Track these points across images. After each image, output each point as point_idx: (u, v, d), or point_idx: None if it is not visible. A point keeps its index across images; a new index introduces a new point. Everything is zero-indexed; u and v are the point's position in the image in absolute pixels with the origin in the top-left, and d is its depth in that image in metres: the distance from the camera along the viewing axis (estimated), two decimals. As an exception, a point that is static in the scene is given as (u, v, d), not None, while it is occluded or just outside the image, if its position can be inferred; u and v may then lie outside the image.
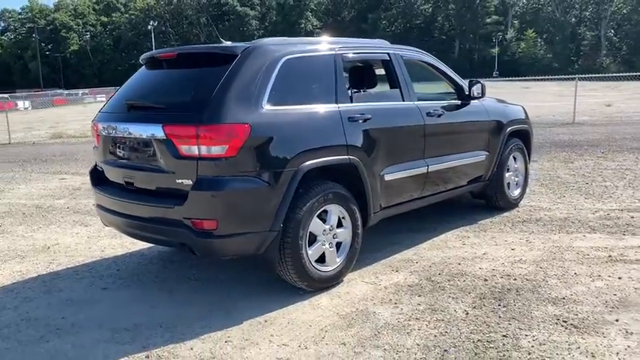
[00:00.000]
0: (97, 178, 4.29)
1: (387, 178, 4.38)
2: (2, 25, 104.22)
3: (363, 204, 4.23)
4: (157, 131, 3.54)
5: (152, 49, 11.92)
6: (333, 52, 4.19)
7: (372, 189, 4.23)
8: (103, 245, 5.30)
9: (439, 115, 4.89)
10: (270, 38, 4.18)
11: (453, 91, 5.35)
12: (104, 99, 55.18)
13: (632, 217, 5.53)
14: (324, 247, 3.94)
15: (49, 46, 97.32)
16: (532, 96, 27.26)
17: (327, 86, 4.07)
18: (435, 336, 3.23)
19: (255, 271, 4.32)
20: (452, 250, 4.78)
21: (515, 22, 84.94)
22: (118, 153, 3.99)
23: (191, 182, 3.43)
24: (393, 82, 4.71)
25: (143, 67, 4.36)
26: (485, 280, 4.07)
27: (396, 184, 4.49)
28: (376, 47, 4.73)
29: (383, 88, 4.79)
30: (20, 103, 46.15)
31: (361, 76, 4.46)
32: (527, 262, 4.39)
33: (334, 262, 4.03)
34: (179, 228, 3.52)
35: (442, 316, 3.50)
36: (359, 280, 4.17)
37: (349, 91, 4.21)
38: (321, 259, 3.97)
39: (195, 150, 3.41)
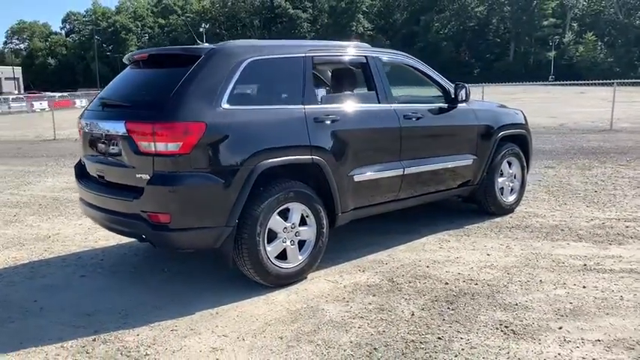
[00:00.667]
0: (80, 173, 4.54)
1: (357, 179, 4.42)
2: (68, 27, 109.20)
3: (331, 204, 4.29)
4: (120, 128, 3.74)
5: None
6: (302, 55, 4.28)
7: (340, 189, 4.29)
8: (98, 236, 5.57)
9: (418, 118, 4.90)
10: (240, 40, 4.32)
11: (441, 94, 5.33)
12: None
13: (627, 227, 5.36)
14: (284, 244, 4.04)
15: (110, 47, 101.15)
16: (584, 101, 26.46)
17: (293, 88, 4.16)
18: (372, 334, 3.28)
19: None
20: (427, 252, 4.78)
21: (574, 24, 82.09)
22: (94, 148, 4.21)
23: (148, 177, 3.60)
24: (370, 85, 4.75)
25: (127, 67, 4.58)
26: (446, 283, 4.07)
27: (368, 186, 4.53)
28: (352, 51, 4.78)
29: (360, 90, 4.84)
30: (78, 102, 48.34)
31: (333, 78, 4.53)
32: (496, 268, 4.35)
33: (296, 260, 4.12)
34: (138, 221, 3.70)
35: (387, 315, 3.53)
36: (322, 279, 4.24)
37: (318, 93, 4.29)
38: (283, 256, 4.05)
39: (152, 146, 3.58)
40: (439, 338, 3.21)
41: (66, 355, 3.15)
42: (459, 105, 5.32)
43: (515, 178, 6.02)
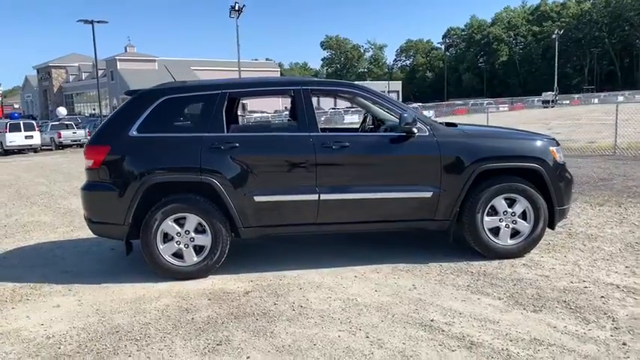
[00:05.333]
0: None
1: (258, 199, 4.97)
2: (447, 42, 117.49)
3: (231, 218, 5.01)
4: (88, 149, 5.36)
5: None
6: (218, 92, 5.10)
7: (238, 207, 4.96)
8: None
9: (343, 147, 5.00)
10: (173, 82, 5.41)
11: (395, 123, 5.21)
12: (506, 109, 57.00)
13: (603, 298, 4.20)
14: (179, 246, 5.00)
15: (481, 59, 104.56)
16: None
17: (201, 119, 5.06)
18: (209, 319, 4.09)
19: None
20: (322, 278, 4.91)
21: None
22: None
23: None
24: (294, 115, 5.16)
25: None
26: (275, 304, 4.36)
27: (271, 207, 5.00)
28: (278, 85, 5.25)
29: (282, 120, 5.28)
30: (425, 113, 52.44)
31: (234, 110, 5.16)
32: (344, 304, 4.32)
33: (191, 261, 5.02)
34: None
35: (217, 308, 4.22)
36: (209, 280, 4.98)
37: (225, 123, 5.03)
38: (180, 256, 5.03)
39: (86, 163, 5.12)
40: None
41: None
42: (419, 134, 5.07)
43: (521, 218, 5.20)
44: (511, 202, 5.17)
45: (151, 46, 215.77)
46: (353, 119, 41.29)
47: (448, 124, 5.57)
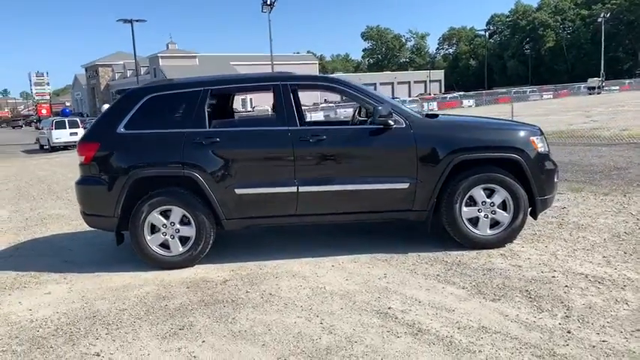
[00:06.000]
0: None
1: (239, 192, 5.17)
2: (491, 29, 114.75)
3: (213, 210, 5.23)
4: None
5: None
6: (201, 89, 5.31)
7: (220, 200, 5.17)
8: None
9: (320, 140, 5.14)
10: (156, 80, 5.65)
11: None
12: (550, 96, 55.41)
13: (566, 288, 4.21)
14: (165, 237, 5.26)
15: (527, 45, 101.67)
16: None
17: (184, 115, 5.28)
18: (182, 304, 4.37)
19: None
20: (295, 266, 5.08)
21: None
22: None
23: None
24: (275, 109, 5.33)
25: None
26: (244, 291, 4.56)
27: (252, 199, 5.19)
28: (259, 81, 5.42)
29: (262, 114, 5.44)
30: (466, 102, 51.65)
31: (229, 105, 5.36)
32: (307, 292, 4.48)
33: (177, 251, 5.27)
34: (82, 208, 5.63)
35: (192, 295, 4.48)
36: (192, 270, 5.21)
37: (207, 119, 5.24)
38: (166, 246, 5.29)
39: (79, 159, 5.43)
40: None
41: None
42: (395, 126, 5.15)
43: (500, 209, 5.21)
44: (490, 193, 5.19)
45: (192, 42, 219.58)
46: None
47: (429, 116, 5.61)
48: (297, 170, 5.13)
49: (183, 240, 5.27)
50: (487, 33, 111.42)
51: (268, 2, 35.96)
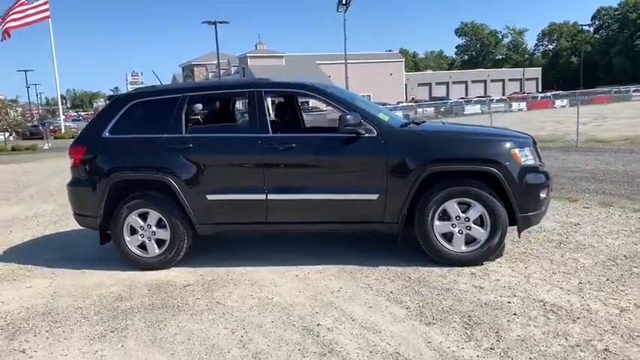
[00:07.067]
0: None
1: (210, 198, 5.24)
2: (597, 23, 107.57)
3: (187, 215, 5.35)
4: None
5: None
6: (179, 95, 5.44)
7: (193, 205, 5.27)
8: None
9: (289, 148, 5.09)
10: (140, 87, 5.82)
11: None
12: (655, 96, 50.97)
13: (514, 316, 3.90)
14: (142, 238, 5.44)
15: (637, 41, 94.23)
16: None
17: (162, 121, 5.42)
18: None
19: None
20: (256, 275, 5.06)
21: None
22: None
23: (71, 179, 5.82)
24: (248, 116, 5.34)
25: None
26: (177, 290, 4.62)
27: (223, 205, 5.24)
28: (232, 88, 5.45)
29: (236, 121, 5.47)
30: (558, 102, 48.71)
31: (205, 112, 5.44)
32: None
33: (153, 253, 5.44)
34: (74, 208, 5.95)
35: (156, 296, 4.66)
36: (165, 272, 5.36)
37: (183, 124, 5.36)
38: (144, 248, 5.48)
39: (70, 161, 5.75)
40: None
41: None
42: (367, 135, 4.99)
43: (477, 225, 4.91)
44: (466, 207, 4.89)
45: (284, 43, 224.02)
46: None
47: (416, 123, 5.42)
48: (267, 178, 5.11)
49: (160, 242, 5.41)
50: (592, 28, 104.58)
51: (344, 2, 35.98)
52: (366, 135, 4.97)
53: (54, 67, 35.79)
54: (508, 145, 4.91)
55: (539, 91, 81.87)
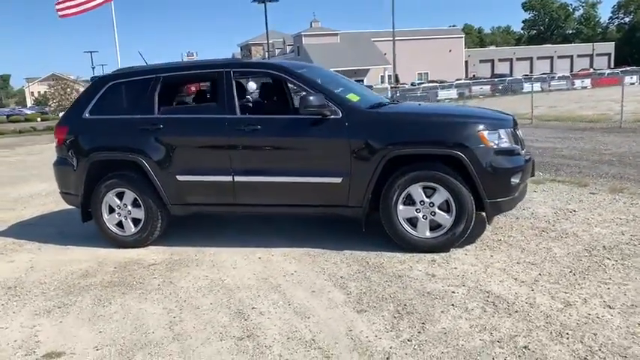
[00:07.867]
0: None
1: (180, 179, 5.29)
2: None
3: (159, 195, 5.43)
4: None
5: None
6: (153, 76, 5.49)
7: (164, 185, 5.34)
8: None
9: (254, 130, 5.05)
10: (119, 68, 5.90)
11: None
12: None
13: (444, 307, 3.75)
14: (119, 217, 5.58)
15: None
16: None
17: (137, 102, 5.49)
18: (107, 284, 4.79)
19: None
20: (221, 255, 5.08)
21: None
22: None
23: (56, 159, 6.02)
24: (215, 98, 5.32)
25: None
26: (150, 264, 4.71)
27: (192, 186, 5.28)
28: (202, 68, 5.44)
29: (205, 102, 5.49)
30: (628, 79, 45.78)
31: (177, 92, 5.46)
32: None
33: (130, 231, 5.57)
34: (61, 186, 6.16)
35: (126, 275, 4.83)
36: (136, 250, 5.47)
37: (156, 105, 5.41)
38: (122, 226, 5.63)
39: (55, 140, 5.95)
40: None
41: None
42: (332, 116, 4.87)
43: (443, 210, 4.72)
44: (432, 192, 4.71)
45: (335, 20, 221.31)
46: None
47: (381, 105, 5.24)
48: (233, 160, 5.10)
49: (136, 222, 5.53)
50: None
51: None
52: (332, 117, 4.84)
53: (116, 48, 37.07)
54: (476, 127, 4.65)
55: (612, 67, 77.27)
